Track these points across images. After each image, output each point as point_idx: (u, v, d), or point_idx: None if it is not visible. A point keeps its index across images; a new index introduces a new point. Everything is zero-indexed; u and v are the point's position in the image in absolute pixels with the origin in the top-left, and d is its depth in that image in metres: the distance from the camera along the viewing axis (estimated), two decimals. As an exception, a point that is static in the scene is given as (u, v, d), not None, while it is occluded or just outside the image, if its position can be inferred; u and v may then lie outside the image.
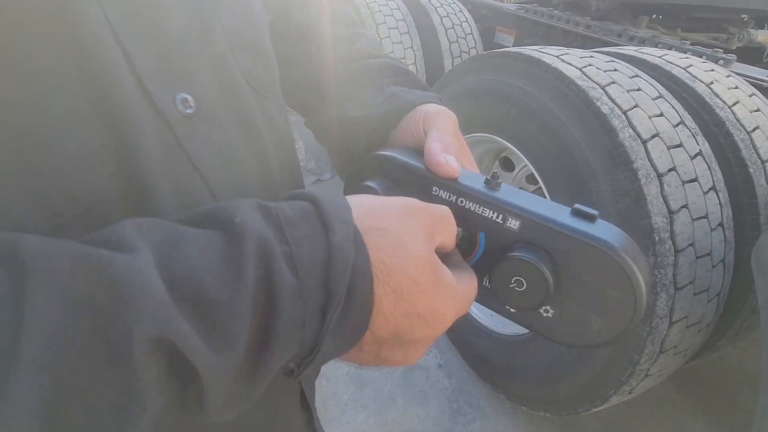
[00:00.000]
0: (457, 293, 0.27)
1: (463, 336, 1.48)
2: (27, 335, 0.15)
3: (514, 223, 0.28)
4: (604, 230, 0.27)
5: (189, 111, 0.26)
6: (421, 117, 0.37)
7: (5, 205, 0.20)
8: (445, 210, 0.28)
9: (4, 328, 0.15)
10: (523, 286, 0.28)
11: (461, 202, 0.30)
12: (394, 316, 0.24)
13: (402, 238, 0.24)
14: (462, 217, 0.30)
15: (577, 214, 0.28)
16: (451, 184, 0.30)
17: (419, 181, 0.32)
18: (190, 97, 0.26)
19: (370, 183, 0.32)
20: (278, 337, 0.21)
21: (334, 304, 0.22)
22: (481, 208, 0.29)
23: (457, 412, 1.39)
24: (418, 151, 0.34)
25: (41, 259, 0.16)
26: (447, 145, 0.33)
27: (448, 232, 0.28)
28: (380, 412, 1.37)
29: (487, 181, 0.30)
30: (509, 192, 0.30)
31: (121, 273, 0.17)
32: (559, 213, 0.28)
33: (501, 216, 0.29)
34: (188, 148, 0.26)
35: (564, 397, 1.15)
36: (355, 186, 0.33)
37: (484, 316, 1.44)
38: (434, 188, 0.31)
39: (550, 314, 0.29)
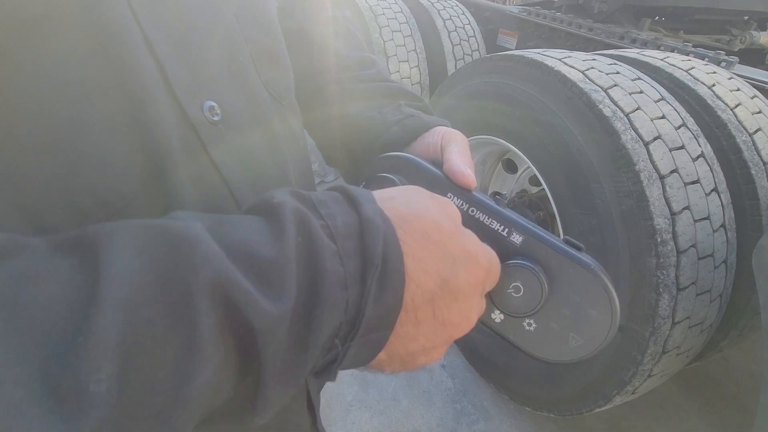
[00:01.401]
0: (480, 242, 0.29)
1: (467, 336, 1.48)
2: (105, 278, 0.17)
3: (517, 238, 0.31)
4: (591, 259, 0.30)
5: (215, 118, 0.28)
6: (440, 135, 0.39)
7: (39, 209, 0.21)
8: (446, 199, 0.30)
9: (86, 272, 0.17)
10: (521, 291, 0.30)
11: (472, 211, 0.32)
12: (431, 259, 0.25)
13: (415, 197, 0.28)
14: (470, 225, 0.32)
15: (567, 242, 0.31)
16: (466, 193, 0.33)
17: (435, 186, 0.34)
18: (216, 105, 0.28)
19: (388, 174, 0.34)
20: (325, 295, 0.21)
21: (373, 267, 0.23)
22: (490, 219, 0.32)
23: (461, 412, 1.40)
24: (433, 160, 0.37)
25: (109, 233, 0.18)
26: (467, 159, 0.36)
27: (455, 213, 0.30)
28: (384, 412, 1.38)
29: (495, 199, 0.33)
30: (514, 212, 0.32)
31: (180, 232, 0.19)
32: (555, 238, 0.31)
33: (507, 230, 0.31)
34: (213, 154, 0.28)
35: (567, 398, 1.16)
36: (369, 178, 0.35)
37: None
38: (449, 194, 0.33)
39: (532, 328, 0.31)
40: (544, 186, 1.15)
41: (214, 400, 0.20)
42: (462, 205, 0.33)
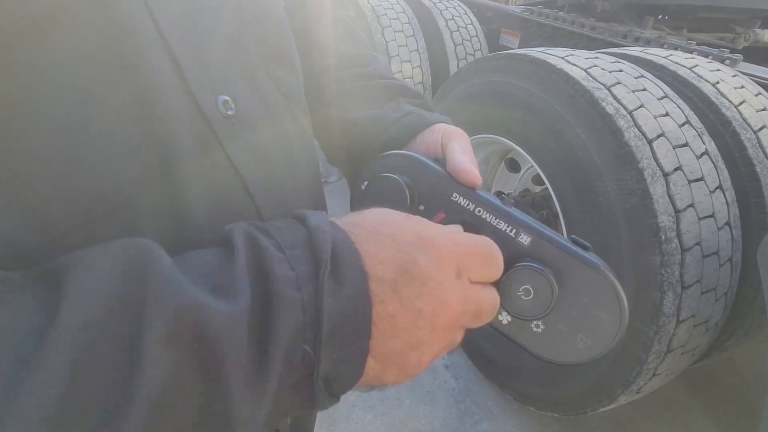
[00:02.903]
0: (440, 226, 0.28)
1: (471, 336, 1.48)
2: (65, 301, 0.17)
3: (525, 239, 0.30)
4: (598, 259, 0.30)
5: (230, 112, 0.28)
6: (441, 132, 0.39)
7: (39, 203, 0.21)
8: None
9: (49, 297, 0.18)
10: (530, 294, 0.30)
11: (479, 211, 0.32)
12: (385, 251, 0.25)
13: (383, 213, 0.28)
14: (476, 225, 0.32)
15: (575, 242, 0.30)
16: (471, 193, 0.32)
17: (439, 185, 0.33)
18: (230, 99, 0.28)
19: (393, 175, 0.33)
20: (277, 297, 0.22)
21: (322, 265, 0.23)
22: (497, 219, 0.31)
23: (465, 412, 1.40)
24: (436, 159, 0.36)
25: (76, 256, 0.19)
26: (471, 157, 0.35)
27: (421, 220, 0.29)
28: (387, 412, 1.38)
29: (501, 198, 0.32)
30: (520, 211, 0.32)
31: (137, 254, 0.20)
32: (563, 238, 0.30)
33: (514, 230, 0.31)
34: (227, 148, 0.28)
35: (572, 397, 1.15)
36: (372, 179, 0.35)
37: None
38: (454, 194, 0.32)
39: (540, 329, 0.31)
40: (547, 185, 1.14)
41: (171, 415, 0.19)
42: (468, 204, 0.32)
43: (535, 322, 0.31)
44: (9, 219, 0.20)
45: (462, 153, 0.34)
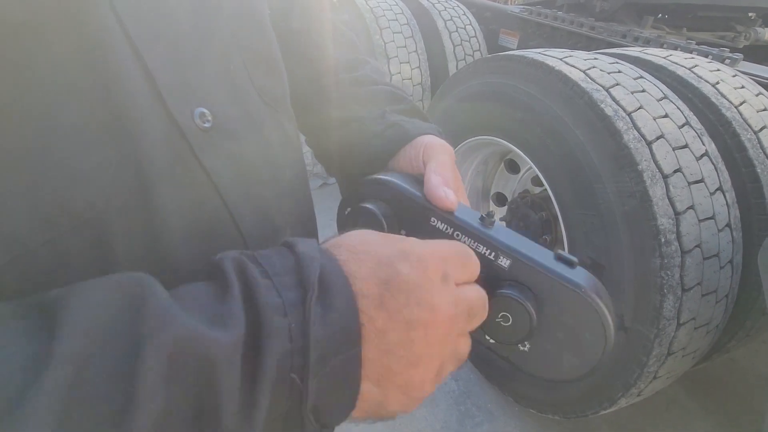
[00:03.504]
0: (419, 241, 0.28)
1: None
2: (60, 335, 0.17)
3: (505, 262, 0.30)
4: (583, 277, 0.29)
5: (206, 125, 0.27)
6: (422, 148, 0.38)
7: (6, 217, 0.20)
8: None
9: (43, 330, 0.18)
10: (509, 321, 0.30)
11: (457, 235, 0.31)
12: (365, 268, 0.25)
13: (361, 234, 0.28)
14: None
15: (559, 259, 0.30)
16: (449, 217, 0.32)
17: (417, 210, 0.33)
18: (207, 111, 0.28)
19: (368, 205, 0.33)
20: (265, 326, 0.22)
21: (310, 291, 0.23)
22: (476, 243, 0.31)
23: (465, 414, 1.39)
24: (417, 179, 0.35)
25: (69, 290, 0.19)
26: (447, 178, 0.34)
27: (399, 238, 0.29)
28: (388, 415, 1.37)
29: (482, 218, 0.32)
30: (502, 231, 0.31)
31: (133, 286, 0.20)
32: (545, 257, 0.30)
33: (493, 253, 0.30)
34: (203, 159, 0.27)
35: (572, 400, 1.15)
36: (353, 208, 0.35)
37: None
38: (432, 219, 0.32)
39: (526, 348, 0.31)
40: (546, 186, 1.14)
41: None
42: (446, 229, 0.32)
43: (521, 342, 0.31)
44: None
45: (437, 175, 0.34)
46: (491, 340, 0.31)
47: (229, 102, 0.30)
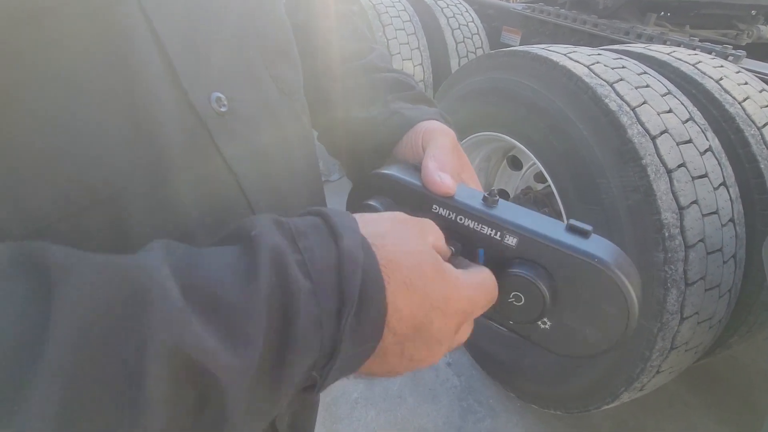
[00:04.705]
0: (464, 282, 0.27)
1: (472, 334, 1.48)
2: (54, 324, 0.16)
3: (511, 240, 0.29)
4: (598, 246, 0.28)
5: (223, 109, 0.28)
6: (421, 134, 0.38)
7: (24, 189, 0.21)
8: (427, 220, 0.30)
9: (29, 332, 0.16)
10: (522, 301, 0.29)
11: (460, 219, 0.31)
12: (410, 308, 0.25)
13: (402, 236, 0.26)
14: (461, 233, 0.31)
15: (571, 230, 0.28)
16: (449, 201, 0.31)
17: (419, 199, 0.32)
18: (223, 96, 0.28)
19: (371, 202, 0.33)
20: (297, 338, 0.21)
21: (349, 304, 0.22)
22: (480, 225, 0.30)
23: (467, 410, 1.39)
24: (417, 168, 0.35)
25: (67, 270, 0.17)
26: (442, 162, 0.33)
27: (436, 236, 0.29)
28: (390, 409, 1.38)
29: (484, 198, 0.31)
30: (506, 209, 0.30)
31: (141, 284, 0.18)
32: (555, 229, 0.29)
33: (499, 233, 0.29)
34: (220, 144, 0.27)
35: (575, 395, 1.15)
36: (357, 205, 0.35)
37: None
38: (434, 206, 0.32)
39: (547, 326, 0.30)
40: (550, 182, 1.14)
41: None
42: (449, 214, 0.31)
43: (541, 320, 0.30)
44: None
45: (433, 160, 0.33)
46: (511, 321, 0.31)
47: (245, 88, 0.30)
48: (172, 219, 0.26)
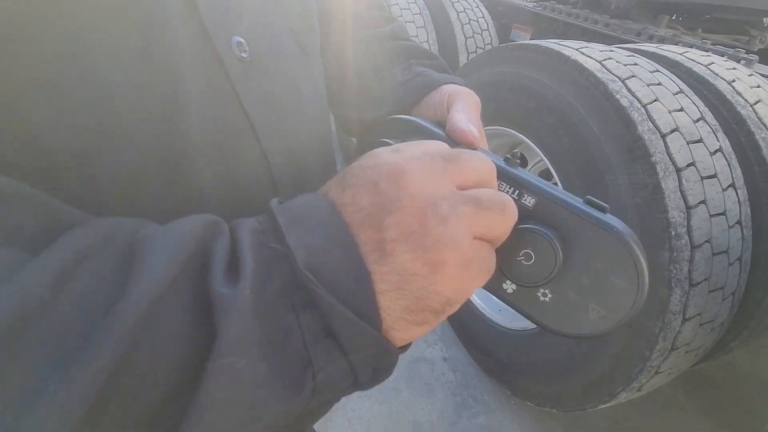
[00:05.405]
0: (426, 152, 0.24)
1: (469, 330, 1.47)
2: (132, 281, 0.17)
3: (529, 200, 0.28)
4: (616, 220, 0.27)
5: (244, 55, 0.27)
6: (446, 94, 0.37)
7: (37, 125, 0.20)
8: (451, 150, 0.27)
9: (122, 273, 0.18)
10: (531, 259, 0.28)
11: None
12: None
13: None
14: None
15: (589, 203, 0.28)
16: None
17: None
18: (244, 42, 0.27)
19: (386, 139, 0.31)
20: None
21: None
22: (499, 181, 0.29)
23: (462, 405, 1.39)
24: (439, 123, 0.34)
25: (147, 234, 0.19)
26: (472, 117, 0.33)
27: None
28: (385, 401, 1.37)
29: (506, 159, 0.30)
30: (527, 173, 0.30)
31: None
32: (574, 199, 0.28)
33: (517, 192, 0.28)
34: (239, 89, 0.27)
35: (572, 393, 1.14)
36: (370, 143, 0.33)
37: (491, 310, 1.43)
38: None
39: (547, 299, 0.29)
40: (556, 179, 1.13)
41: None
42: None
43: (542, 291, 0.28)
44: (6, 143, 0.20)
45: (461, 113, 0.32)
46: (509, 290, 0.29)
47: (266, 38, 0.30)
48: (181, 162, 0.25)
